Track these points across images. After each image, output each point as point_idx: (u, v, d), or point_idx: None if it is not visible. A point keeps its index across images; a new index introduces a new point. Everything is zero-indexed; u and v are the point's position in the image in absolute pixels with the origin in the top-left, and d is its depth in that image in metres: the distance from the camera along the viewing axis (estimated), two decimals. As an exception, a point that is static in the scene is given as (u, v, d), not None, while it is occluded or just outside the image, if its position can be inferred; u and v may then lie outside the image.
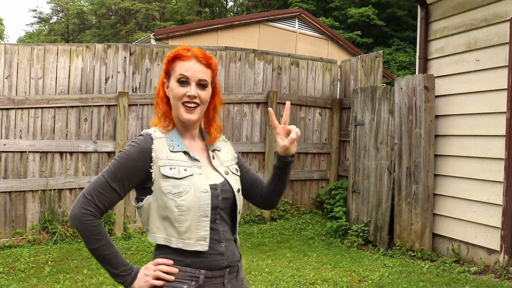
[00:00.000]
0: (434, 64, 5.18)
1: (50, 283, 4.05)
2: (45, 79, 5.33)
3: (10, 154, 5.11)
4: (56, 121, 5.37)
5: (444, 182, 4.99)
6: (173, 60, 1.52)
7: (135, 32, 31.87)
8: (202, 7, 34.32)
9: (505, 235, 4.23)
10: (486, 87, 4.52)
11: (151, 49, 5.96)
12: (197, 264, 1.45)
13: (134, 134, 5.75)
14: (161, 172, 1.45)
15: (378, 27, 26.77)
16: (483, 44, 4.57)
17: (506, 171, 4.24)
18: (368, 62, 6.54)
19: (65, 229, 5.28)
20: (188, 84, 1.49)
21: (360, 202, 5.71)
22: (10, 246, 4.99)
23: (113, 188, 1.44)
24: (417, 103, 4.97)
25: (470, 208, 4.66)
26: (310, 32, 13.49)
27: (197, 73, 1.49)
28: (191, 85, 1.49)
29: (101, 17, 37.58)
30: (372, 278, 4.23)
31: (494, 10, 4.45)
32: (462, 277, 4.19)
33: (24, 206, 5.18)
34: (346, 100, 6.94)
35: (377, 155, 5.49)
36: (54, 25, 39.39)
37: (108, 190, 1.44)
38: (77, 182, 5.41)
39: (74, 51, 5.51)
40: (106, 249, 1.45)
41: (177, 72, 1.49)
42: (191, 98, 1.48)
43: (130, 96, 5.67)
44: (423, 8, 5.25)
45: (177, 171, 1.45)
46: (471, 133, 4.68)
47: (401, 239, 5.07)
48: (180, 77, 1.48)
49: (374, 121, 5.59)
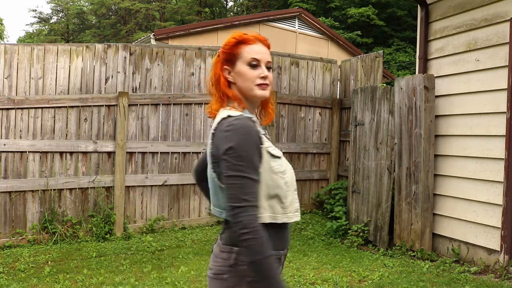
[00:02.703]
0: (434, 64, 5.18)
1: (50, 283, 4.05)
2: (45, 79, 5.33)
3: (10, 154, 5.10)
4: (56, 121, 5.37)
5: (444, 182, 4.99)
6: (237, 45, 1.56)
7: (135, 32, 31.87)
8: (202, 7, 34.31)
9: (505, 235, 4.23)
10: (486, 87, 4.52)
11: (151, 49, 5.96)
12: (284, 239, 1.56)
13: (134, 134, 5.76)
14: (270, 152, 1.50)
15: (378, 27, 26.77)
16: (483, 44, 4.57)
17: (506, 171, 4.24)
18: (368, 62, 6.54)
19: (65, 229, 5.28)
20: (259, 66, 1.56)
21: (360, 202, 5.71)
22: (10, 246, 4.99)
23: (256, 181, 1.43)
24: (417, 103, 4.96)
25: (470, 208, 4.65)
26: (310, 32, 13.48)
27: (265, 55, 1.57)
28: (261, 67, 1.56)
29: (101, 17, 37.58)
30: (372, 278, 4.23)
31: (494, 10, 4.45)
32: (462, 277, 4.19)
33: (24, 206, 5.18)
34: (346, 100, 6.94)
35: (377, 155, 5.49)
36: (54, 25, 39.39)
37: (255, 185, 1.42)
38: (77, 182, 5.41)
39: (74, 51, 5.51)
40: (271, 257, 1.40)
41: (246, 56, 1.55)
42: (264, 79, 1.56)
43: (130, 96, 5.67)
44: (423, 8, 5.25)
45: (277, 151, 1.54)
46: (471, 133, 4.68)
47: (401, 239, 5.07)
48: (251, 61, 1.55)
49: (374, 121, 5.59)
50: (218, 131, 1.49)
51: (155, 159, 5.88)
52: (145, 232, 5.71)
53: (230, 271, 1.48)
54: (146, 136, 5.84)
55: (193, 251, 5.08)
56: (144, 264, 4.61)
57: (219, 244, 1.56)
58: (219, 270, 1.51)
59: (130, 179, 5.68)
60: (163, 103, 5.92)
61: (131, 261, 4.70)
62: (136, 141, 5.75)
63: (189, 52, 6.14)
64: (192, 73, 6.14)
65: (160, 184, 5.87)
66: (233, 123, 1.45)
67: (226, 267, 1.49)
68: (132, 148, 5.69)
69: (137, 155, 5.76)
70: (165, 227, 5.89)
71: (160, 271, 4.40)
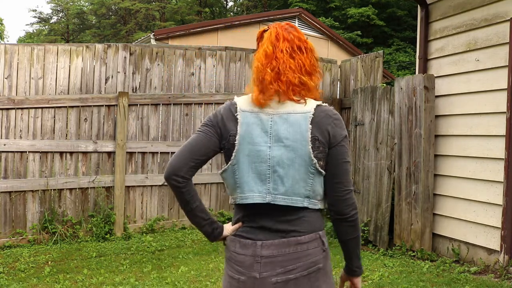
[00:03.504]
0: (434, 64, 5.18)
1: (50, 283, 4.05)
2: (45, 79, 5.33)
3: (10, 154, 5.11)
4: (56, 121, 5.37)
5: (444, 182, 4.99)
6: None
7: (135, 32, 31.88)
8: (202, 7, 34.33)
9: (505, 235, 4.23)
10: (486, 87, 4.52)
11: (151, 49, 5.96)
12: None
13: (134, 134, 5.76)
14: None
15: (378, 27, 26.78)
16: (483, 44, 4.57)
17: (506, 171, 4.24)
18: (368, 62, 6.54)
19: (65, 229, 5.28)
20: None
21: (360, 202, 5.71)
22: (10, 246, 4.99)
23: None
24: (417, 103, 4.97)
25: (470, 208, 4.65)
26: (310, 32, 13.49)
27: None
28: None
29: (101, 17, 37.59)
30: (372, 278, 4.23)
31: (494, 10, 4.45)
32: (462, 277, 4.19)
33: (24, 206, 5.18)
34: (346, 100, 6.94)
35: (377, 155, 5.49)
36: (54, 25, 39.41)
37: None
38: (77, 182, 5.41)
39: (74, 51, 5.51)
40: None
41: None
42: None
43: (130, 96, 5.67)
44: (423, 8, 5.25)
45: None
46: (471, 133, 4.68)
47: (401, 239, 5.07)
48: None
49: (374, 121, 5.59)
50: (325, 117, 1.49)
51: (155, 159, 5.88)
52: (145, 232, 5.71)
53: (324, 257, 1.50)
54: (146, 136, 5.84)
55: (193, 251, 5.08)
56: (144, 264, 4.61)
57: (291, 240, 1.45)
58: (312, 263, 1.46)
59: (130, 179, 5.68)
60: (163, 103, 5.92)
61: (131, 261, 4.71)
62: (136, 141, 5.76)
63: (189, 52, 6.14)
64: (192, 73, 6.14)
65: (160, 184, 5.87)
66: (336, 113, 1.54)
67: (320, 254, 1.49)
68: (132, 148, 5.69)
69: (137, 155, 5.76)
70: (165, 227, 5.89)
71: (160, 271, 4.40)
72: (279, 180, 1.45)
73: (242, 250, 1.48)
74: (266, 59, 1.51)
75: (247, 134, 1.47)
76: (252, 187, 1.47)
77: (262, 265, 1.44)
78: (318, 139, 1.45)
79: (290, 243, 1.45)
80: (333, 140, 1.47)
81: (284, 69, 1.49)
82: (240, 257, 1.48)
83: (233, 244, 1.52)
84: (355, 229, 1.52)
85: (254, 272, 1.44)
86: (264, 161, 1.46)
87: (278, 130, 1.46)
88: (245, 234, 1.50)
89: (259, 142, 1.46)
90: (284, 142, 1.45)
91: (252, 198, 1.47)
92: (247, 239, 1.49)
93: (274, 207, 1.47)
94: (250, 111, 1.49)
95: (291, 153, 1.45)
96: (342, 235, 1.54)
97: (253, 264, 1.45)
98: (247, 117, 1.48)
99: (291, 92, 1.49)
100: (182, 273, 4.34)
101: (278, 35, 1.54)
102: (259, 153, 1.46)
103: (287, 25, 1.59)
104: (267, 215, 1.48)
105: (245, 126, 1.47)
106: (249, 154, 1.46)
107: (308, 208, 1.48)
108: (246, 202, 1.48)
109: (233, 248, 1.52)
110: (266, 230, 1.48)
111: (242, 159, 1.47)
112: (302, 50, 1.55)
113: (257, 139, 1.46)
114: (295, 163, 1.45)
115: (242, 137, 1.47)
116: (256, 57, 1.55)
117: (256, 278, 1.44)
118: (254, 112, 1.49)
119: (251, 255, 1.46)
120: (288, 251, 1.45)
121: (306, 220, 1.48)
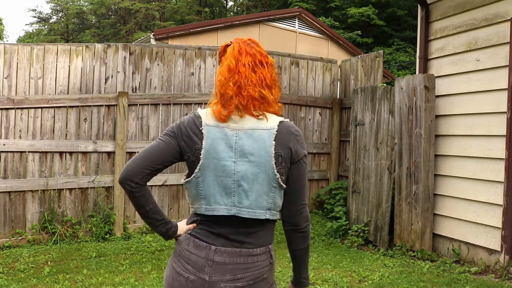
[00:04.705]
0: (434, 64, 5.17)
1: (50, 283, 4.04)
2: (44, 79, 5.32)
3: (9, 154, 5.10)
4: (55, 121, 5.36)
5: (444, 182, 4.98)
6: None
7: (135, 32, 31.86)
8: (202, 7, 34.32)
9: (506, 235, 4.22)
10: (486, 87, 4.51)
11: (151, 49, 5.95)
12: None
13: (134, 134, 5.75)
14: None
15: (378, 27, 26.77)
16: (483, 44, 4.56)
17: (507, 171, 4.24)
18: (368, 62, 6.53)
19: (65, 229, 5.27)
20: None
21: (360, 202, 5.70)
22: (10, 246, 4.98)
23: None
24: (417, 103, 4.96)
25: (470, 208, 4.65)
26: (310, 32, 13.48)
27: None
28: None
29: (100, 17, 37.58)
30: (372, 278, 4.22)
31: (495, 10, 4.45)
32: (463, 277, 4.19)
33: (23, 206, 5.17)
34: (346, 100, 6.94)
35: (377, 155, 5.48)
36: (53, 25, 39.39)
37: None
38: (76, 182, 5.40)
39: (74, 51, 5.50)
40: None
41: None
42: None
43: (130, 96, 5.66)
44: (423, 8, 5.24)
45: None
46: (471, 133, 4.67)
47: (401, 239, 5.07)
48: None
49: (374, 121, 5.58)
50: (287, 133, 1.54)
51: (155, 159, 5.86)
52: (145, 232, 5.70)
53: (270, 269, 1.59)
54: (146, 136, 5.83)
55: (193, 251, 5.07)
56: (144, 264, 4.61)
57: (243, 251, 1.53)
58: (259, 273, 1.54)
59: (130, 179, 5.66)
60: (163, 103, 5.91)
61: (131, 261, 4.70)
62: (136, 141, 5.75)
63: (189, 52, 6.14)
64: (192, 73, 6.13)
65: (160, 184, 5.87)
66: (298, 129, 1.59)
67: (267, 267, 1.57)
68: (132, 148, 5.69)
69: (137, 155, 5.74)
70: (165, 227, 5.87)
71: (160, 271, 4.39)
72: (244, 194, 1.52)
73: (196, 250, 1.54)
74: (229, 73, 1.55)
75: (212, 148, 1.51)
76: (218, 200, 1.53)
77: (213, 269, 1.51)
78: (281, 155, 1.52)
79: (242, 254, 1.52)
80: (295, 156, 1.54)
81: (246, 84, 1.54)
82: (192, 256, 1.54)
83: (187, 242, 1.57)
84: (306, 239, 1.62)
85: (204, 274, 1.51)
86: (229, 176, 1.51)
87: (243, 145, 1.51)
88: (200, 236, 1.56)
89: (224, 157, 1.51)
90: (249, 158, 1.51)
91: (218, 210, 1.53)
92: (202, 241, 1.54)
93: (236, 218, 1.53)
94: (214, 126, 1.53)
95: (255, 168, 1.51)
96: (294, 244, 1.64)
97: (205, 267, 1.51)
98: (212, 131, 1.52)
99: (251, 106, 1.54)
100: (182, 273, 4.32)
101: (241, 50, 1.59)
102: (224, 168, 1.51)
103: (249, 41, 1.66)
104: (228, 225, 1.54)
105: (210, 141, 1.51)
106: (215, 168, 1.51)
107: (268, 220, 1.56)
108: (212, 213, 1.53)
109: (186, 245, 1.56)
110: (222, 237, 1.54)
111: (207, 173, 1.52)
112: (263, 65, 1.59)
113: (222, 154, 1.51)
114: (259, 178, 1.51)
115: (207, 151, 1.51)
116: (219, 71, 1.60)
117: (206, 281, 1.50)
118: (219, 126, 1.53)
119: (204, 257, 1.52)
120: (239, 261, 1.52)
121: (261, 234, 1.56)
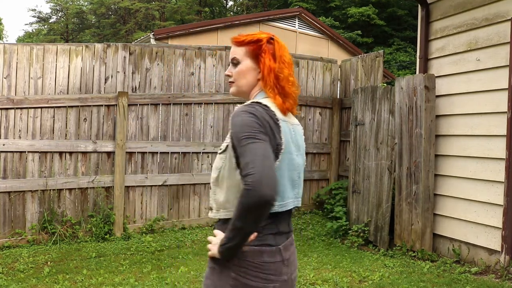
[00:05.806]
0: (434, 63, 5.16)
1: (50, 284, 4.03)
2: (44, 79, 5.32)
3: (9, 154, 5.09)
4: (55, 121, 5.36)
5: (444, 182, 4.97)
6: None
7: (134, 32, 31.85)
8: (202, 6, 34.31)
9: (506, 235, 4.22)
10: (486, 86, 4.51)
11: (150, 49, 5.94)
12: None
13: (133, 134, 5.74)
14: None
15: (378, 27, 26.76)
16: (483, 44, 4.55)
17: (507, 171, 4.23)
18: (368, 62, 6.52)
19: (65, 229, 5.26)
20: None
21: (361, 202, 5.69)
22: (9, 246, 4.98)
23: None
24: (417, 103, 4.95)
25: (470, 208, 4.64)
26: (310, 32, 13.48)
27: (231, 54, 1.65)
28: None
29: (100, 16, 37.57)
30: (373, 278, 4.22)
31: (495, 10, 4.44)
32: (463, 278, 4.18)
33: (23, 206, 5.16)
34: (346, 100, 6.93)
35: (378, 155, 5.48)
36: (53, 24, 39.38)
37: None
38: (76, 182, 5.39)
39: (74, 51, 5.49)
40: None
41: None
42: (228, 77, 1.69)
43: (130, 96, 5.66)
44: (423, 8, 5.23)
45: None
46: (471, 133, 4.67)
47: (402, 239, 5.06)
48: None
49: (375, 121, 5.57)
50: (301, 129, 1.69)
51: (155, 159, 5.87)
52: (145, 232, 5.69)
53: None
54: (145, 136, 5.82)
55: (193, 252, 5.07)
56: (143, 265, 4.60)
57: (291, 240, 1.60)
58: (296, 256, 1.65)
59: (129, 179, 5.66)
60: (162, 103, 5.90)
61: (131, 261, 4.69)
62: (136, 141, 5.74)
63: (189, 51, 6.13)
64: (192, 73, 6.12)
65: (160, 184, 5.86)
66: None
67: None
68: (132, 148, 5.68)
69: (136, 155, 5.74)
70: (164, 227, 5.87)
71: (160, 272, 4.39)
72: (300, 185, 1.60)
73: (272, 258, 1.46)
74: (289, 69, 1.58)
75: (287, 143, 1.51)
76: (289, 194, 1.53)
77: (287, 267, 1.52)
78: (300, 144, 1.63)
79: (292, 242, 1.59)
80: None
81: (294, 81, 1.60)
82: (272, 266, 1.46)
83: (259, 254, 1.45)
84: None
85: (284, 275, 1.50)
86: (295, 169, 1.55)
87: (297, 140, 1.58)
88: (269, 242, 1.48)
89: (292, 151, 1.53)
90: (301, 151, 1.60)
91: (288, 205, 1.52)
92: (272, 247, 1.48)
93: (289, 211, 1.55)
94: (283, 120, 1.53)
95: (302, 160, 1.61)
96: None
97: (282, 268, 1.49)
98: (284, 126, 1.51)
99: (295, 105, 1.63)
100: (182, 273, 4.32)
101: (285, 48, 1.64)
102: (293, 162, 1.53)
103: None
104: (284, 219, 1.54)
105: (284, 136, 1.49)
106: (288, 162, 1.52)
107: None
108: (285, 209, 1.51)
109: (259, 258, 1.45)
110: (282, 234, 1.53)
111: (282, 167, 1.49)
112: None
113: (291, 148, 1.53)
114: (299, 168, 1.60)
115: (286, 146, 1.50)
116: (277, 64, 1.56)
117: (285, 281, 1.51)
118: (285, 121, 1.54)
119: (280, 260, 1.49)
120: (293, 250, 1.60)
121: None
